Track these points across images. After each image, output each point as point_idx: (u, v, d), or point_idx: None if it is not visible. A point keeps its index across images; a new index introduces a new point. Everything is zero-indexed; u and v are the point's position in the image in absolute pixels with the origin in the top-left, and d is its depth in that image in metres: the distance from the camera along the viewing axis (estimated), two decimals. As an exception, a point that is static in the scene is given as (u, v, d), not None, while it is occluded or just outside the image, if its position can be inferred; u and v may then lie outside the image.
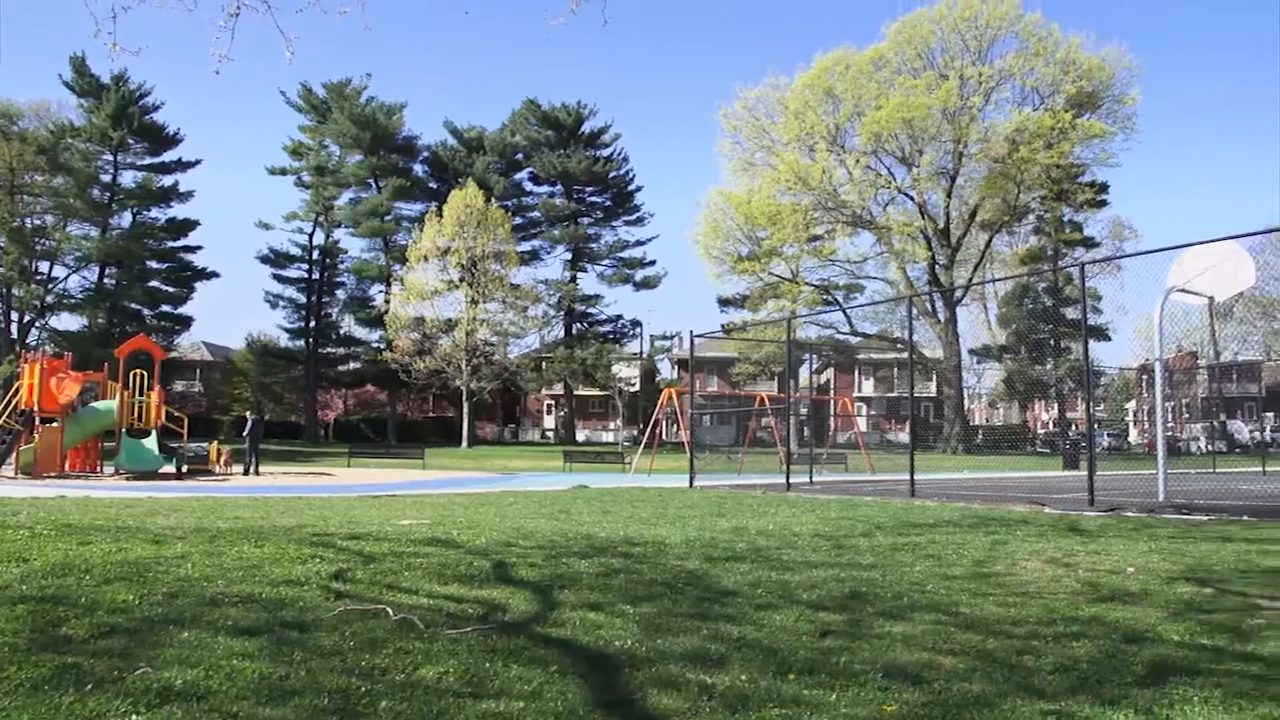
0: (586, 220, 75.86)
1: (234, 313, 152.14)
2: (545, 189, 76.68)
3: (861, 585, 6.80)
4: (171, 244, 68.16)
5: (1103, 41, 60.25)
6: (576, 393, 76.87)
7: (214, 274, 69.63)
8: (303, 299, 71.95)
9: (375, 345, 68.87)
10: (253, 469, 29.02)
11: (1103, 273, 57.61)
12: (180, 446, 28.41)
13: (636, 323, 75.15)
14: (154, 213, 68.15)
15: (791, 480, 20.67)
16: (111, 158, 65.57)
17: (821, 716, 3.72)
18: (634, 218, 76.81)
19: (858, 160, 56.18)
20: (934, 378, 70.03)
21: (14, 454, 25.39)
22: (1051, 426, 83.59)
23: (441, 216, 60.64)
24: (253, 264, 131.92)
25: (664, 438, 49.37)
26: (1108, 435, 68.44)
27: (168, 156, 68.16)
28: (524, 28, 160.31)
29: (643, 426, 50.77)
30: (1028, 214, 60.34)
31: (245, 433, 30.28)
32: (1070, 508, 13.50)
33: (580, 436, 78.48)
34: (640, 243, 76.25)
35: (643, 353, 75.67)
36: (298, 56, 6.57)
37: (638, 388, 75.52)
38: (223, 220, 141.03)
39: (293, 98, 71.62)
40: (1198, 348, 69.46)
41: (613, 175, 75.06)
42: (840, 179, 56.98)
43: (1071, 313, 60.45)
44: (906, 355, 20.54)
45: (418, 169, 74.34)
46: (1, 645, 4.54)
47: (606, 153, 75.45)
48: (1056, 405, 73.57)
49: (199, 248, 69.55)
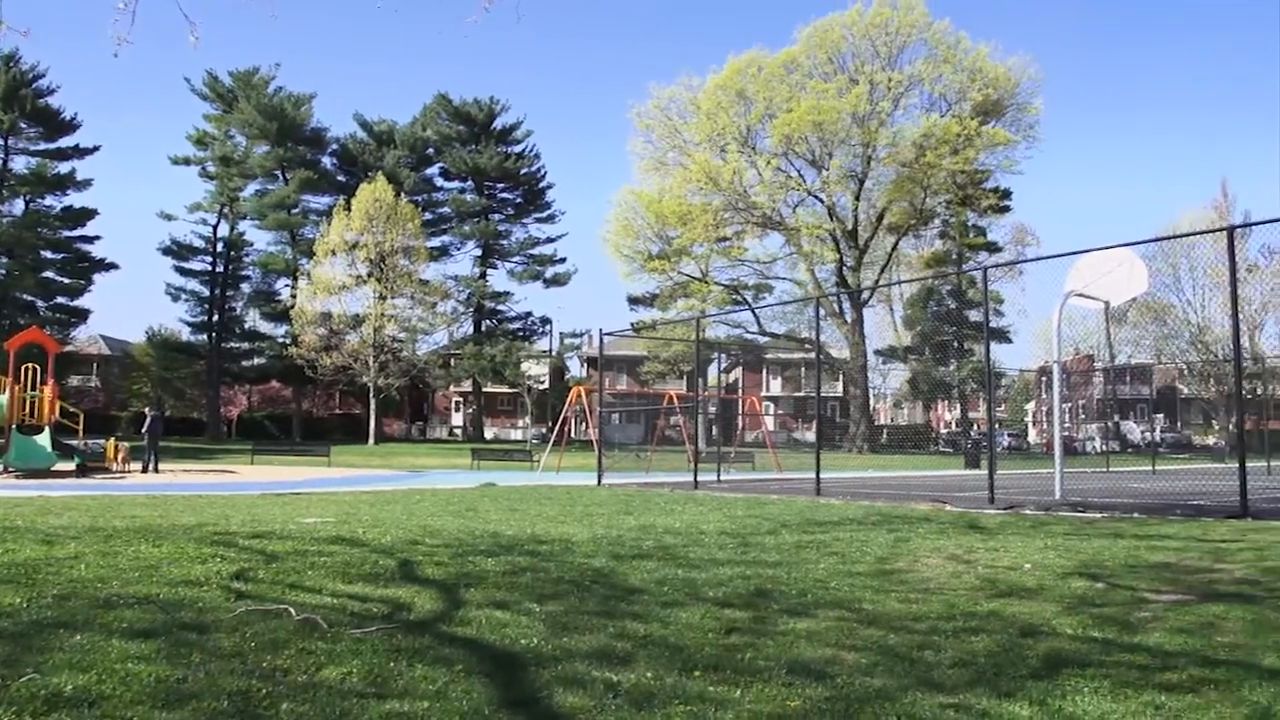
0: (497, 216, 75.40)
1: (134, 306, 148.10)
2: (456, 184, 76.10)
3: (767, 583, 6.86)
4: (68, 233, 66.14)
5: (1009, 51, 61.76)
6: (485, 390, 76.35)
7: (113, 265, 67.78)
8: (206, 292, 70.31)
9: (281, 340, 67.53)
10: (152, 467, 28.23)
11: (1005, 277, 59.14)
12: (84, 443, 27.55)
13: (546, 320, 74.99)
14: (49, 200, 65.99)
15: (699, 478, 20.79)
16: (2, 141, 63.37)
17: (726, 713, 3.74)
18: (545, 215, 76.61)
19: (768, 162, 56.77)
20: (840, 378, 71.11)
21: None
22: (954, 426, 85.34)
23: (350, 210, 59.70)
24: (154, 256, 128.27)
25: (573, 436, 49.26)
26: (1008, 435, 70.23)
27: (64, 142, 66.12)
28: (436, 21, 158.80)
29: (551, 424, 50.69)
30: (934, 218, 61.58)
31: (144, 429, 29.43)
32: (971, 506, 13.79)
33: (489, 434, 77.94)
34: (551, 240, 76.08)
35: (552, 350, 75.47)
36: (203, 43, 6.42)
37: (547, 385, 75.33)
38: (123, 210, 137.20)
39: (198, 85, 69.88)
40: (1094, 351, 71.60)
41: (524, 172, 74.69)
42: (751, 180, 57.51)
43: (974, 315, 61.84)
44: (814, 355, 20.78)
45: (326, 161, 73.14)
46: (-120, 646, 4.36)
47: (518, 149, 75.06)
48: (959, 405, 75.18)
49: (97, 238, 67.61)
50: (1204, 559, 7.89)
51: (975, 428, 66.61)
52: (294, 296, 64.77)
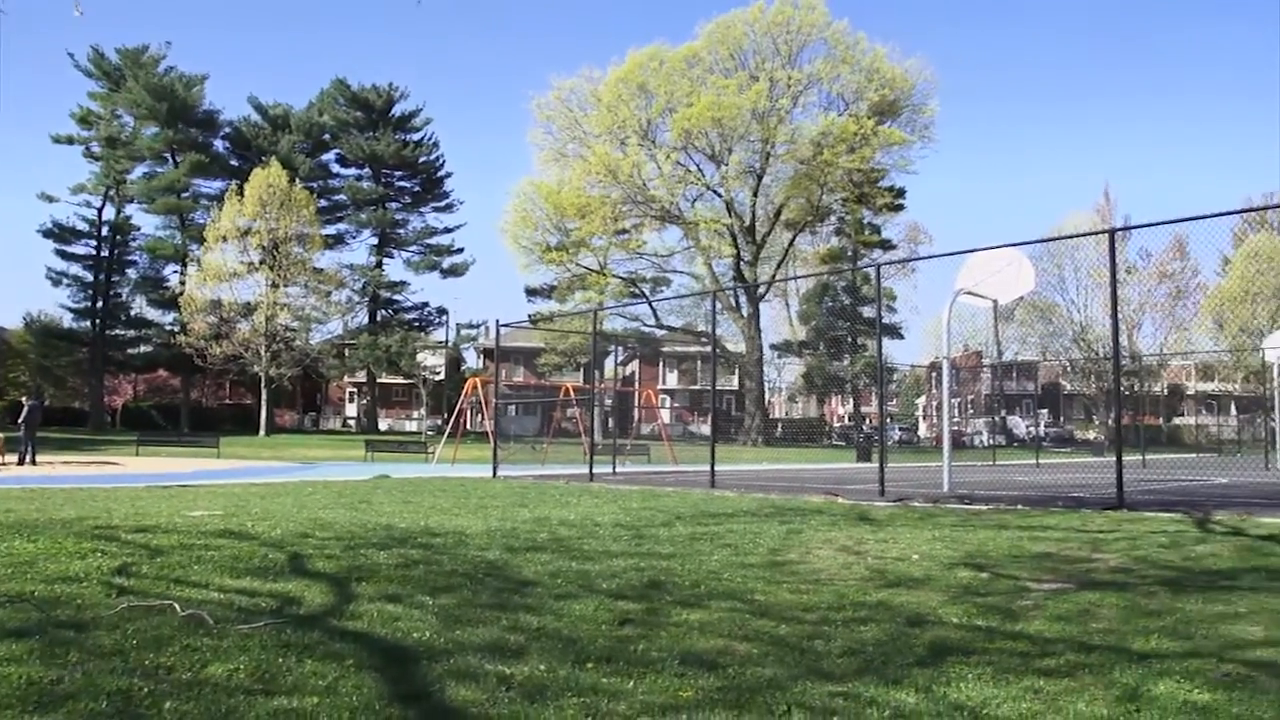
0: (394, 205, 74.33)
1: (11, 290, 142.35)
2: (353, 171, 74.79)
3: (661, 574, 6.90)
4: (-68, 212, 63.36)
5: (907, 53, 62.97)
6: (380, 381, 75.35)
7: (-16, 247, 65.03)
8: (90, 277, 67.96)
9: (169, 328, 65.57)
10: (29, 458, 27.20)
11: (898, 274, 60.45)
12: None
13: (443, 311, 74.19)
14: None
15: (595, 471, 20.80)
16: None
17: (619, 704, 3.75)
18: (443, 204, 75.75)
19: (668, 155, 57.02)
20: (736, 371, 71.75)
21: None
22: (847, 420, 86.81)
23: (243, 195, 58.25)
24: (34, 238, 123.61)
25: (468, 427, 48.89)
26: (899, 429, 71.66)
27: (-75, 117, 63.27)
28: (335, 4, 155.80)
29: (447, 416, 50.19)
30: (830, 215, 62.49)
31: (21, 419, 28.29)
32: (862, 498, 14.01)
33: (383, 425, 76.95)
34: (449, 230, 75.24)
35: (448, 341, 74.76)
36: (89, 18, 6.21)
37: (443, 376, 74.59)
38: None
39: (82, 62, 67.40)
40: (982, 347, 73.44)
41: (422, 160, 73.78)
42: (650, 173, 57.74)
43: (868, 311, 62.95)
44: (710, 349, 20.95)
45: (218, 145, 71.16)
46: None
47: (417, 137, 74.14)
48: (852, 400, 76.44)
49: (-35, 218, 64.82)
50: (1082, 549, 8.15)
51: (867, 422, 67.81)
52: (183, 283, 63.04)
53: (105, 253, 68.43)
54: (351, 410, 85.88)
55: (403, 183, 75.11)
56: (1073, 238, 61.85)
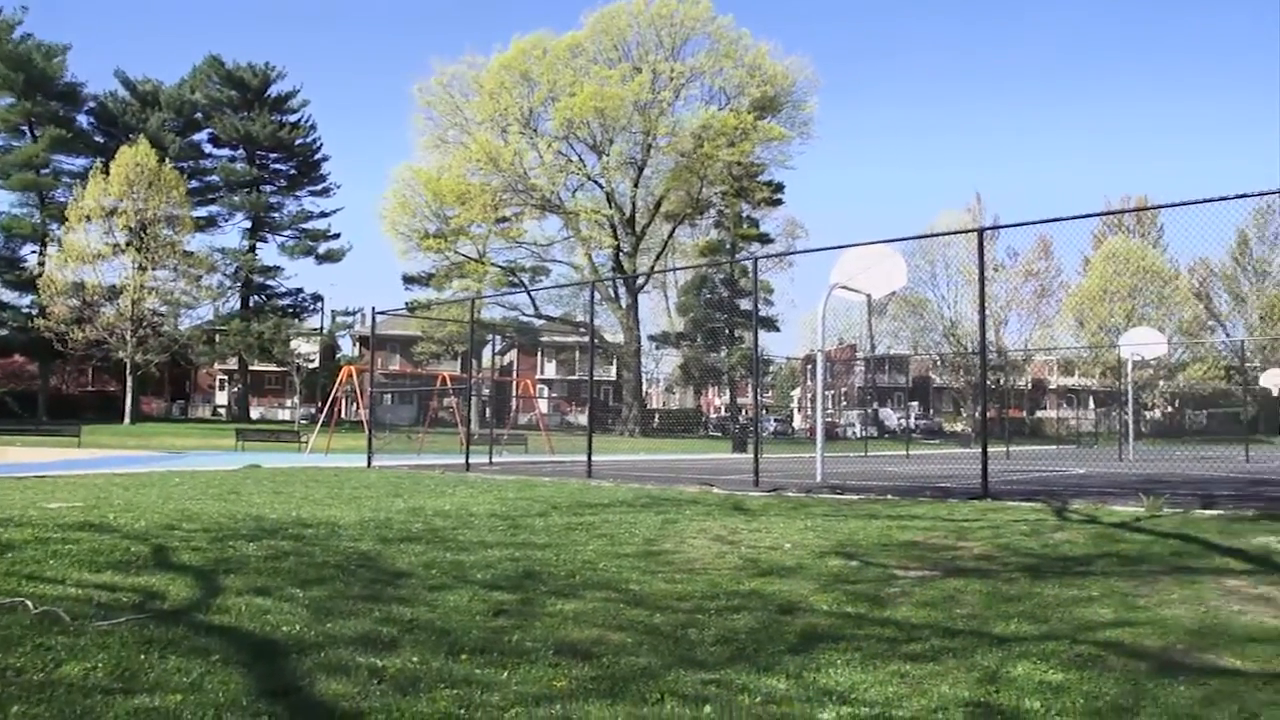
0: (269, 188, 72.24)
1: None
2: (226, 152, 72.29)
3: (536, 564, 6.90)
4: None
5: (789, 51, 63.86)
6: (252, 368, 73.29)
7: None
8: (-66, 256, 64.54)
9: (26, 311, 62.60)
10: None
11: (775, 267, 61.37)
12: None
13: (318, 297, 72.46)
14: None
15: (471, 460, 20.69)
16: None
17: (493, 695, 3.74)
18: (320, 188, 73.85)
19: (549, 145, 56.76)
20: (614, 362, 71.94)
21: None
22: (723, 411, 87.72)
23: (108, 174, 55.87)
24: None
25: (343, 416, 48.05)
26: (774, 420, 72.76)
27: None
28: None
29: (321, 404, 49.26)
30: (709, 208, 62.99)
31: None
32: (737, 488, 14.19)
33: (255, 414, 74.97)
34: (325, 214, 73.36)
35: (323, 328, 73.22)
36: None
37: (317, 364, 73.00)
38: None
39: (-75, 25, 63.80)
40: (856, 341, 75.05)
41: (299, 143, 71.87)
42: (531, 162, 57.37)
43: (745, 304, 63.71)
44: (588, 339, 20.96)
45: (82, 120, 67.98)
46: None
47: (294, 118, 72.12)
48: (728, 391, 77.30)
49: None
50: (948, 537, 8.40)
51: (743, 413, 68.71)
52: (42, 264, 60.26)
53: (-45, 231, 65.07)
54: (222, 398, 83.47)
55: (278, 165, 73.06)
56: (944, 235, 63.71)
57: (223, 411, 79.13)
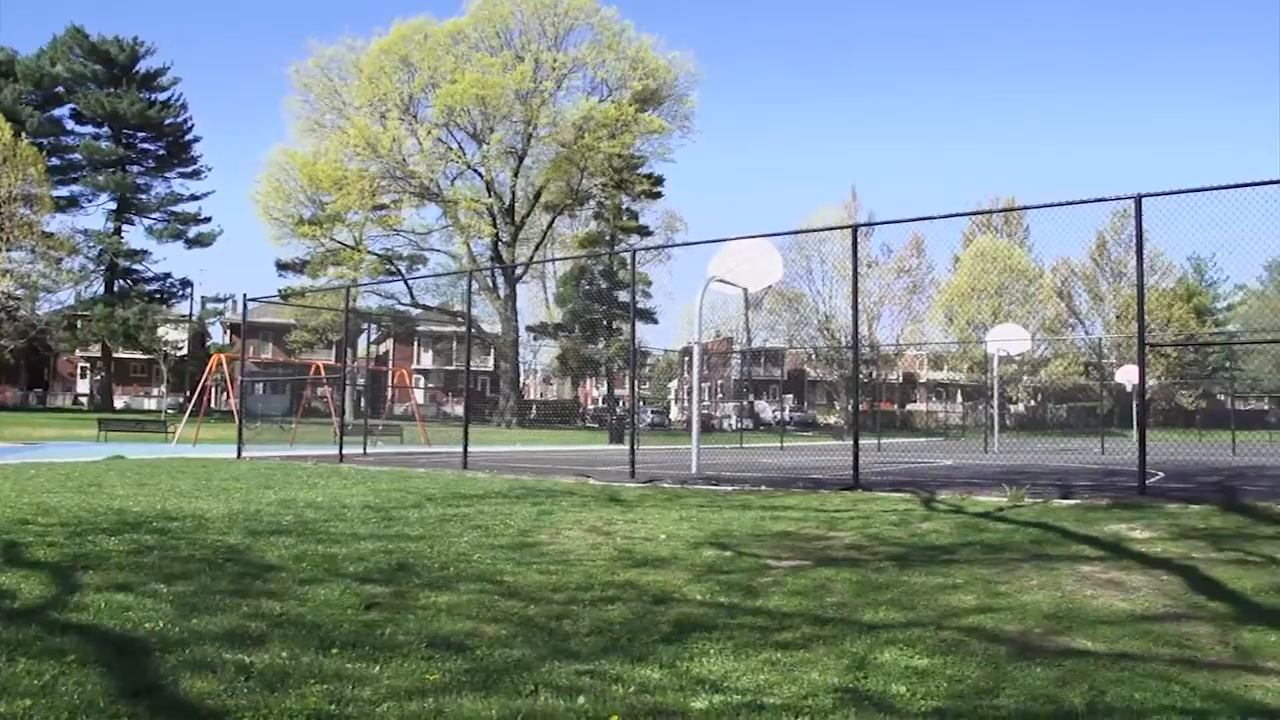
0: (136, 168, 69.62)
1: None
2: (90, 130, 69.34)
3: (409, 557, 6.82)
4: None
5: (672, 46, 64.19)
6: (116, 355, 70.69)
7: None
8: None
9: None
10: None
11: (654, 260, 61.59)
12: None
13: (187, 282, 70.28)
14: None
15: (345, 451, 20.40)
16: None
17: (364, 690, 3.69)
18: (190, 170, 71.47)
19: (429, 131, 56.01)
20: (492, 352, 71.47)
21: None
22: (601, 403, 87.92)
23: (-45, 148, 53.36)
24: None
25: (212, 406, 46.76)
26: (651, 412, 73.18)
27: None
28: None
29: (189, 394, 47.83)
30: (589, 199, 62.95)
31: None
32: (613, 479, 14.25)
33: (119, 403, 72.32)
34: (195, 197, 70.99)
35: (192, 315, 71.10)
36: None
37: (186, 352, 70.85)
38: None
39: None
40: (733, 334, 75.92)
41: (169, 122, 69.45)
42: (411, 149, 56.54)
43: (623, 296, 63.81)
44: (465, 329, 20.79)
45: (-77, 89, 64.76)
46: None
47: (163, 96, 69.62)
48: (606, 382, 77.46)
49: None
50: (820, 527, 8.57)
51: (620, 404, 68.95)
52: (-117, 243, 57.23)
53: None
54: (84, 387, 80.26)
55: (146, 145, 70.46)
56: (820, 231, 64.71)
57: (84, 401, 76.06)
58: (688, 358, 74.08)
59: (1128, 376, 46.24)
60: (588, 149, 54.94)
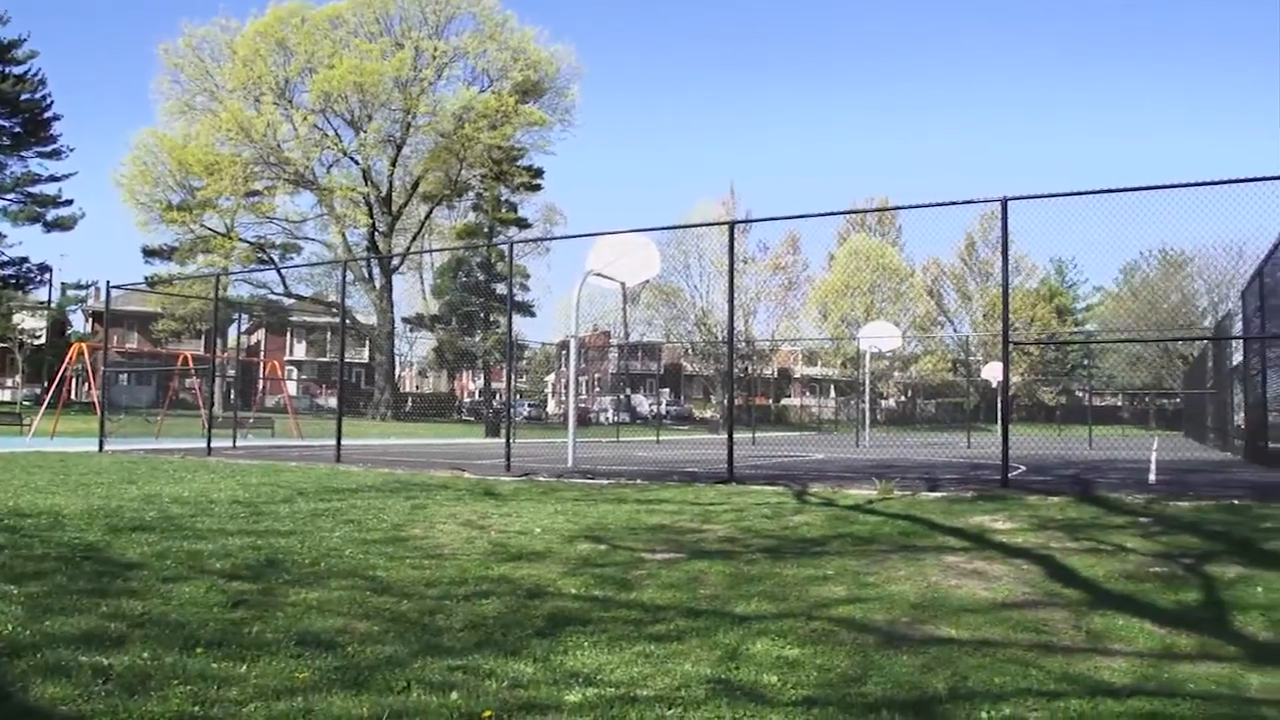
0: (-12, 146, 66.63)
1: None
2: (-64, 104, 66.25)
3: (279, 553, 6.68)
4: None
5: (555, 39, 63.88)
6: (-34, 343, 67.64)
7: None
8: None
9: None
10: None
11: (532, 252, 61.41)
12: None
13: (45, 268, 67.27)
14: None
15: (214, 445, 19.88)
16: None
17: (230, 690, 3.60)
18: (49, 150, 68.39)
19: (305, 118, 54.77)
20: (367, 344, 70.39)
21: None
22: (477, 396, 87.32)
23: None
24: None
25: (72, 397, 45.02)
26: (528, 405, 72.98)
27: None
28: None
29: (47, 384, 45.93)
30: (468, 190, 62.45)
31: None
32: (488, 473, 14.17)
33: (-32, 393, 69.22)
34: (55, 178, 67.81)
35: (51, 302, 68.21)
36: None
37: (44, 341, 67.99)
38: None
39: None
40: (611, 328, 76.10)
41: (25, 98, 66.36)
42: (286, 135, 55.20)
43: (501, 288, 63.48)
44: (340, 320, 20.43)
45: None
46: None
47: (19, 70, 66.48)
48: (483, 375, 76.96)
49: None
50: (694, 520, 8.66)
51: (497, 397, 68.57)
52: None
53: None
54: (-70, 376, 76.60)
55: (0, 121, 67.37)
56: (697, 226, 65.43)
57: (-68, 391, 72.58)
58: (565, 351, 73.92)
59: (993, 373, 47.72)
60: (467, 139, 54.45)
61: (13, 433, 30.66)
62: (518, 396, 74.74)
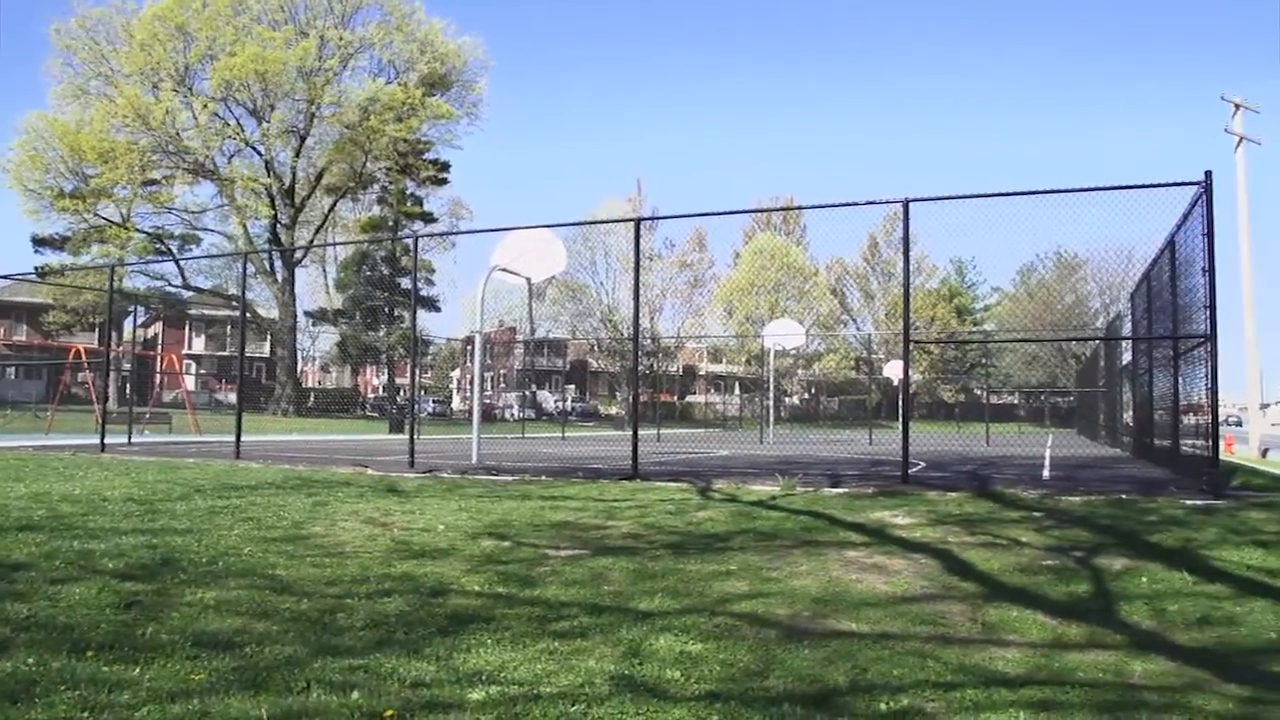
0: None
1: None
2: None
3: (175, 551, 6.54)
4: None
5: (463, 31, 63.32)
6: None
7: None
8: None
9: None
10: None
11: (438, 247, 60.89)
12: None
13: (-78, 256, 64.92)
14: None
15: (108, 441, 19.36)
16: None
17: (121, 694, 3.52)
18: (-70, 134, 66.13)
19: (205, 105, 53.44)
20: (269, 338, 69.08)
21: None
22: (381, 391, 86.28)
23: None
24: None
25: (-45, 390, 43.38)
26: (433, 401, 72.33)
27: None
28: None
29: (-73, 376, 44.27)
30: (373, 183, 61.64)
31: None
32: (392, 469, 14.04)
33: None
34: (-65, 163, 65.66)
35: (-69, 292, 65.77)
36: None
37: (-78, 332, 65.54)
38: None
39: None
40: (517, 323, 75.76)
41: (-96, 81, 64.04)
42: (185, 123, 53.77)
43: (406, 282, 62.81)
44: (240, 313, 20.04)
45: None
46: None
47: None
48: (387, 371, 76.09)
49: None
50: (599, 517, 8.68)
51: (401, 393, 67.84)
52: None
53: None
54: None
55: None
56: (604, 223, 65.41)
57: None
58: (470, 346, 73.44)
59: (894, 371, 48.64)
60: (373, 131, 53.73)
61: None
62: (422, 392, 73.98)
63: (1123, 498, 9.74)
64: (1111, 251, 57.28)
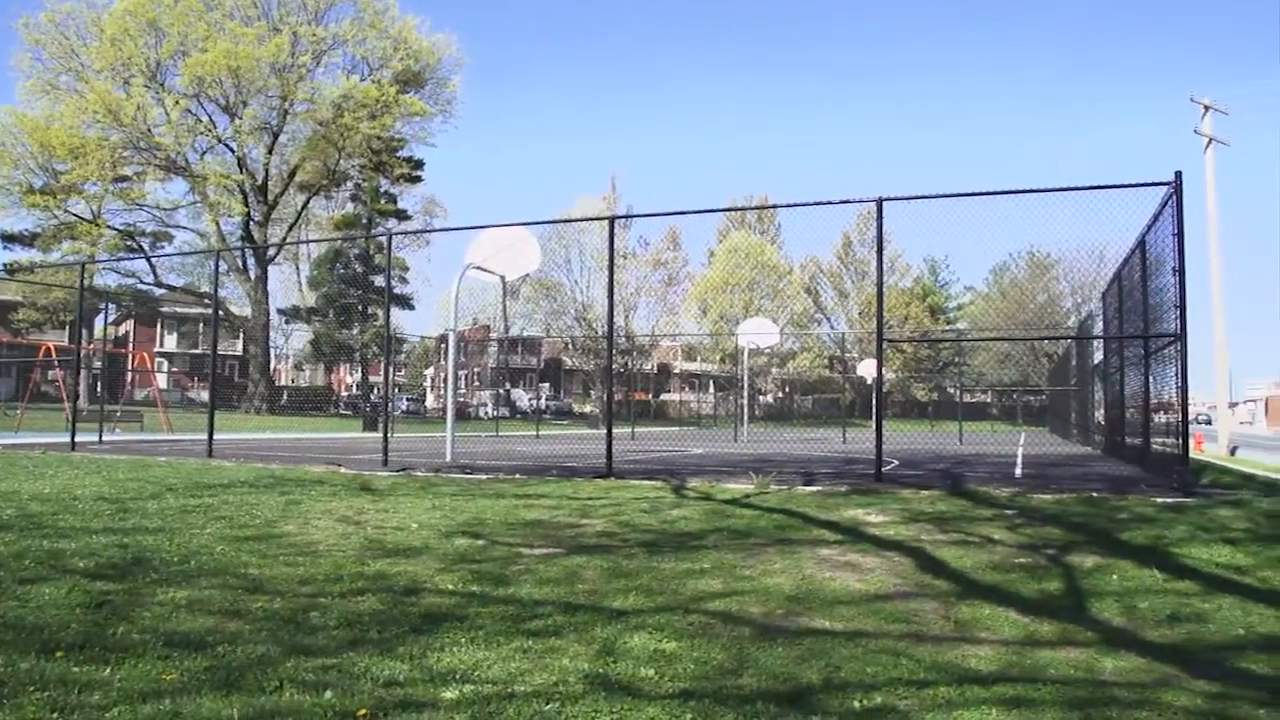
0: None
1: None
2: None
3: (147, 551, 6.49)
4: None
5: (437, 28, 63.04)
6: None
7: None
8: None
9: None
10: None
11: (412, 245, 60.70)
12: None
13: (-113, 250, 64.02)
14: None
15: (78, 439, 19.22)
16: None
17: (92, 695, 3.49)
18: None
19: (177, 102, 52.98)
20: (241, 336, 68.63)
21: None
22: (355, 389, 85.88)
23: None
24: None
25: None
26: (407, 399, 72.04)
27: None
28: None
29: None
30: (347, 180, 61.37)
31: None
32: (365, 468, 13.99)
33: None
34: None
35: (-104, 288, 64.94)
36: None
37: (-111, 329, 64.75)
38: None
39: None
40: (491, 322, 75.58)
41: None
42: (157, 119, 53.30)
43: (380, 280, 62.57)
44: (213, 311, 19.91)
45: None
46: None
47: None
48: (360, 369, 75.78)
49: None
50: (573, 515, 8.67)
51: (375, 391, 67.57)
52: None
53: None
54: None
55: None
56: (578, 221, 65.35)
57: None
58: (444, 344, 73.16)
59: (868, 370, 48.83)
60: (346, 129, 53.46)
61: None
62: (396, 390, 73.75)
63: (1094, 496, 9.82)
64: (1084, 251, 57.68)
